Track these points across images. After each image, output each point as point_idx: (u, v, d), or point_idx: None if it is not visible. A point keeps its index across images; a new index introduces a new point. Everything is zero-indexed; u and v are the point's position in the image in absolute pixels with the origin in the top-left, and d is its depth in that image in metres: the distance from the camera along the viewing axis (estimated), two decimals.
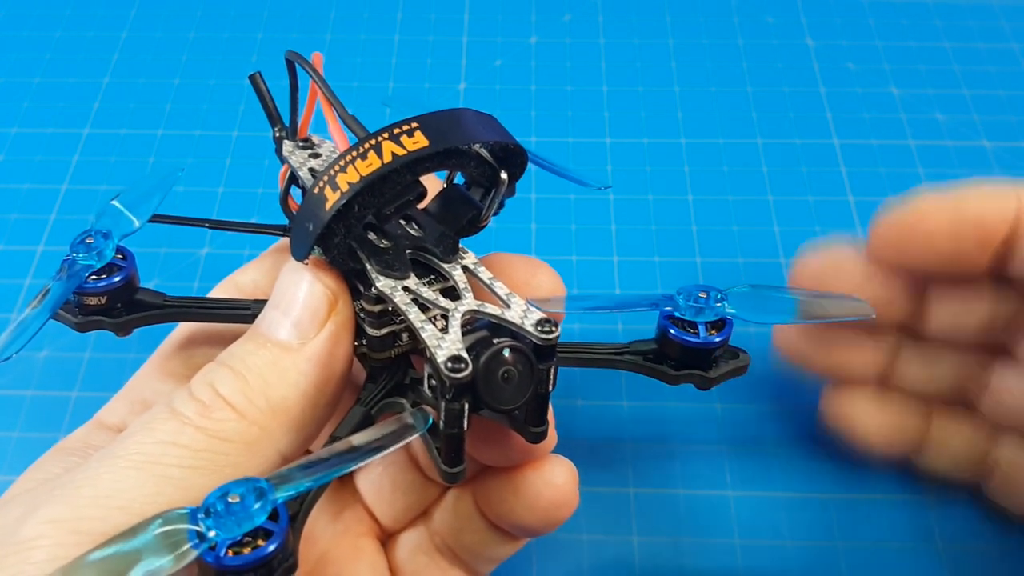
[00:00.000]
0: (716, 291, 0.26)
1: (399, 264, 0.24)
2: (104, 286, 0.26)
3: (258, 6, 0.54)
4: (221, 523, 0.19)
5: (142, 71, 0.51)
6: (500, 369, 0.22)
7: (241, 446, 0.22)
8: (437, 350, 0.22)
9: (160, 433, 0.22)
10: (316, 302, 0.24)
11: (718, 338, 0.26)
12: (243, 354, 0.24)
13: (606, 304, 0.28)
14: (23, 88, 0.50)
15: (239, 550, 0.19)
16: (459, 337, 0.23)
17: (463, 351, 0.22)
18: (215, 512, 0.19)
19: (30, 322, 0.25)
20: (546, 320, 0.23)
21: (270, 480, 0.20)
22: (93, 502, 0.21)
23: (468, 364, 0.22)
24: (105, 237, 0.26)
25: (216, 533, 0.19)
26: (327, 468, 0.20)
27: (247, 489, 0.19)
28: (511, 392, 0.23)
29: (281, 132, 0.29)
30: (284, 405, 0.23)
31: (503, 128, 0.25)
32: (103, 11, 0.54)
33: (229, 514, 0.19)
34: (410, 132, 0.23)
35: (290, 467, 0.20)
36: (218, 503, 0.19)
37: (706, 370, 0.27)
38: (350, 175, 0.22)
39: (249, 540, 0.19)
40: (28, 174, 0.46)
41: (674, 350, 0.27)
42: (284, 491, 0.20)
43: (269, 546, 0.19)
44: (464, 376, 0.21)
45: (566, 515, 0.27)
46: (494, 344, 0.22)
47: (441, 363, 0.22)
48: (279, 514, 0.19)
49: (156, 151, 0.47)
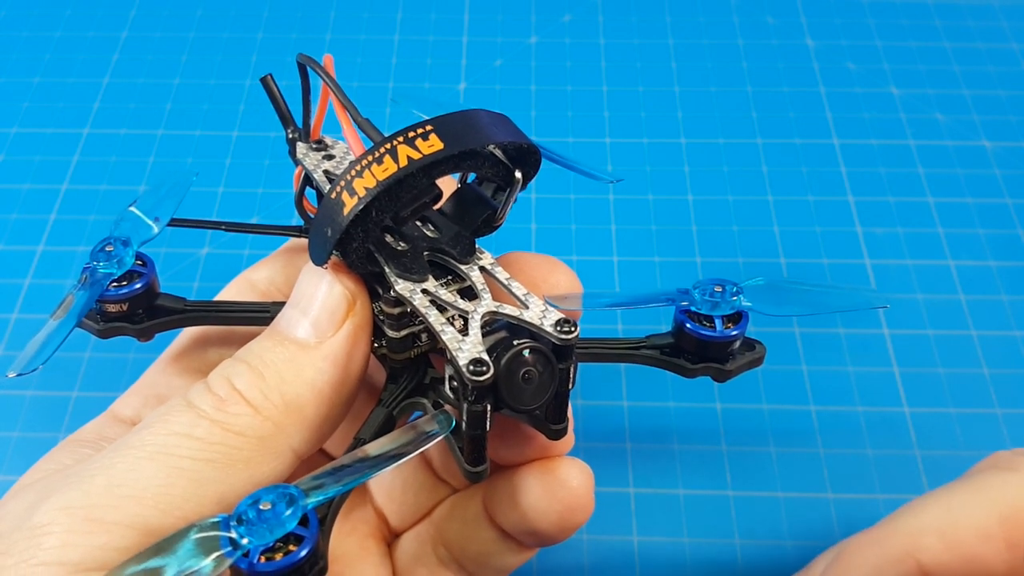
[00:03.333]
0: (732, 285, 0.27)
1: (417, 267, 0.25)
2: (125, 293, 0.26)
3: (258, 6, 0.54)
4: (253, 530, 0.19)
5: (142, 71, 0.51)
6: (521, 370, 0.22)
7: (255, 441, 0.22)
8: (458, 353, 0.22)
9: (175, 425, 0.22)
10: (335, 302, 0.24)
11: (734, 331, 0.26)
12: (261, 351, 0.24)
13: (623, 300, 0.28)
14: (23, 88, 0.50)
15: (272, 556, 0.19)
16: (479, 339, 0.23)
17: (484, 354, 0.22)
18: (247, 520, 0.19)
19: (55, 332, 0.25)
20: (565, 320, 0.23)
21: (300, 486, 0.20)
22: (106, 490, 0.21)
23: (490, 367, 0.22)
24: (124, 244, 0.27)
25: (249, 540, 0.19)
26: (355, 473, 0.21)
27: (278, 496, 0.20)
28: (532, 392, 0.23)
29: (294, 134, 0.29)
30: (299, 402, 0.23)
31: (516, 128, 0.25)
32: (103, 11, 0.54)
33: (261, 521, 0.19)
34: (425, 135, 0.23)
35: (318, 473, 0.21)
36: (249, 510, 0.19)
37: (723, 363, 0.27)
38: (367, 180, 0.22)
39: (281, 546, 0.19)
40: (28, 174, 0.46)
41: (691, 344, 0.27)
42: (314, 497, 0.20)
43: (301, 551, 0.19)
44: (486, 379, 0.22)
45: (581, 520, 0.26)
46: (514, 346, 0.22)
47: (463, 366, 0.22)
48: (309, 519, 0.20)
49: (156, 151, 0.47)
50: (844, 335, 0.40)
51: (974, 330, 0.40)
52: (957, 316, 0.40)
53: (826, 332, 0.40)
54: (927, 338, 0.39)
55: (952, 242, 0.43)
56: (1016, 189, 0.45)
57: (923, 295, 0.41)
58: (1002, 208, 0.44)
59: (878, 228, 0.43)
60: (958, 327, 0.40)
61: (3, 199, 0.45)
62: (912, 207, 0.44)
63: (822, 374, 0.38)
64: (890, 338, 0.39)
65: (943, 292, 0.41)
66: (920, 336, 0.40)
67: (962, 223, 0.43)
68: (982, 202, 0.44)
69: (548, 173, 0.45)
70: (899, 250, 0.42)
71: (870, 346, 0.39)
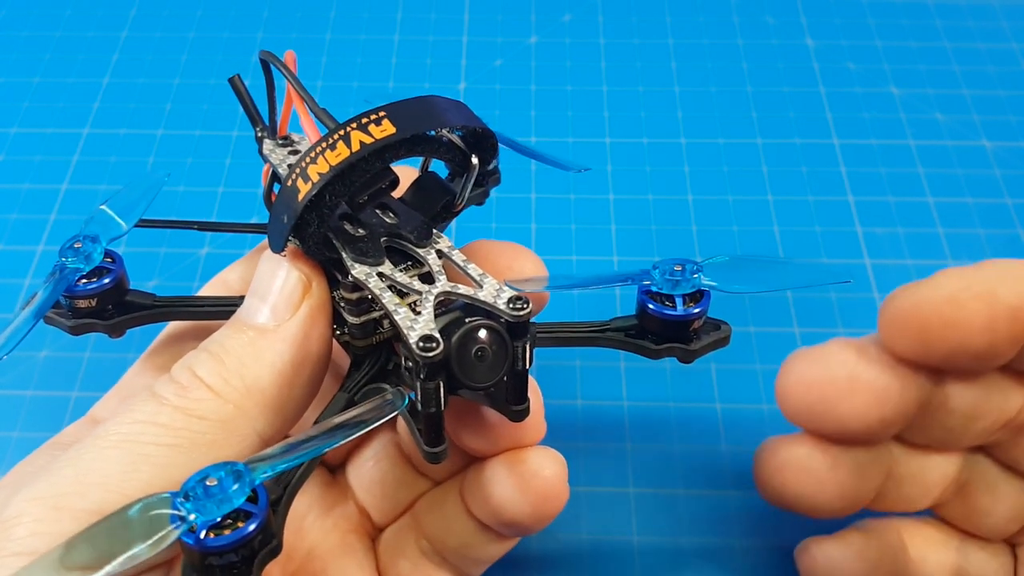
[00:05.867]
0: (692, 263, 0.27)
1: (373, 251, 0.25)
2: (94, 288, 0.27)
3: (258, 6, 0.54)
4: (200, 505, 0.19)
5: (142, 71, 0.51)
6: (474, 348, 0.23)
7: (217, 424, 0.23)
8: (410, 331, 0.22)
9: (139, 414, 0.23)
10: (291, 286, 0.25)
11: (696, 309, 0.26)
12: (222, 339, 0.24)
13: (584, 282, 0.28)
14: (23, 88, 0.50)
15: (220, 532, 0.19)
16: (432, 318, 0.23)
17: (435, 331, 0.22)
18: (194, 495, 0.19)
19: (21, 326, 0.26)
20: (518, 298, 0.23)
21: (248, 463, 0.20)
22: (73, 479, 0.21)
23: (439, 343, 0.22)
24: (93, 241, 0.27)
25: (196, 516, 0.19)
26: (305, 448, 0.21)
27: (225, 472, 0.20)
28: (485, 370, 0.23)
29: (262, 132, 0.29)
30: (259, 385, 0.23)
31: (471, 112, 0.25)
32: (103, 11, 0.54)
33: (208, 497, 0.19)
34: (378, 121, 0.23)
35: (268, 450, 0.21)
36: (197, 487, 0.19)
37: (687, 343, 0.27)
38: (320, 166, 0.23)
39: (230, 523, 0.19)
40: (28, 174, 0.46)
41: (654, 324, 0.27)
42: (261, 472, 0.20)
43: (248, 526, 0.19)
44: (436, 355, 0.22)
45: (556, 508, 0.27)
46: (466, 323, 0.23)
47: (413, 343, 0.22)
48: (259, 496, 0.20)
49: (156, 151, 0.47)
50: (844, 335, 0.39)
51: None
52: None
53: (826, 332, 0.40)
54: None
55: (952, 242, 0.43)
56: (1016, 189, 0.45)
57: None
58: (1002, 208, 0.44)
59: (878, 228, 0.43)
60: None
61: (3, 199, 0.45)
62: (912, 207, 0.44)
63: None
64: None
65: None
66: None
67: (962, 223, 0.43)
68: (982, 202, 0.44)
69: (548, 173, 0.45)
70: (899, 250, 0.42)
71: None
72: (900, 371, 0.25)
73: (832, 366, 0.26)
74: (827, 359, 0.26)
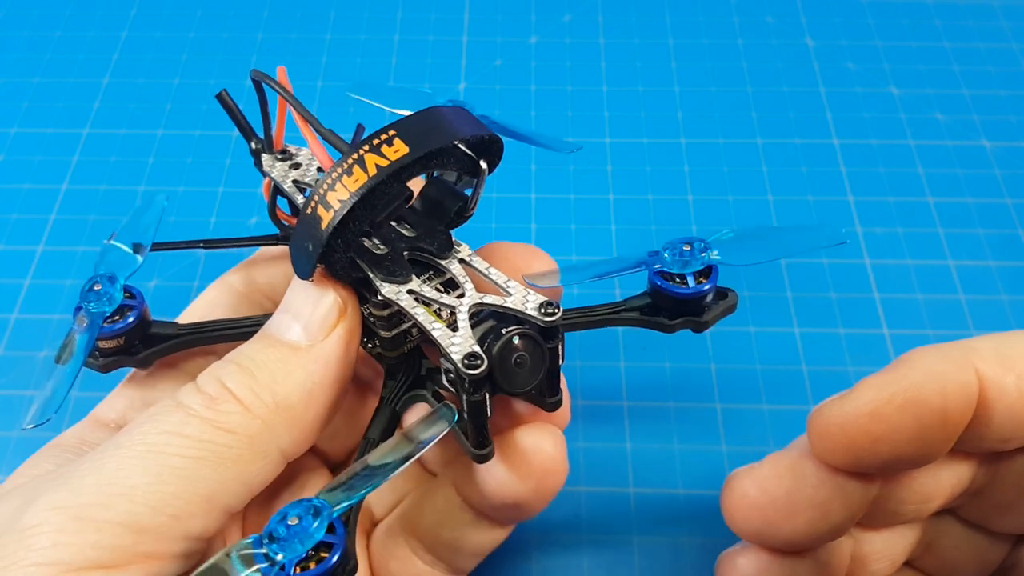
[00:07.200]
0: (699, 241, 0.28)
1: (400, 269, 0.25)
2: (120, 328, 0.27)
3: (258, 6, 0.54)
4: (286, 545, 0.20)
5: (142, 71, 0.51)
6: (512, 356, 0.23)
7: (244, 439, 0.23)
8: (451, 349, 0.23)
9: (165, 424, 0.22)
10: (326, 308, 0.25)
11: (707, 285, 0.28)
12: (252, 352, 0.24)
13: (598, 271, 0.28)
14: (23, 88, 0.50)
15: (306, 565, 0.20)
16: (469, 333, 0.24)
17: (476, 347, 0.23)
18: (278, 536, 0.20)
19: (64, 377, 0.26)
20: (548, 303, 0.24)
21: (324, 495, 0.21)
22: (96, 489, 0.21)
23: (483, 359, 0.23)
24: (111, 280, 0.27)
25: (282, 556, 0.20)
26: (381, 474, 0.22)
27: (304, 510, 0.21)
28: (525, 375, 0.24)
29: (258, 145, 0.30)
30: (288, 402, 0.23)
31: (476, 120, 0.25)
32: (103, 11, 0.54)
33: (291, 536, 0.20)
34: (389, 141, 0.23)
35: (342, 478, 0.22)
36: (279, 527, 0.20)
37: (699, 315, 0.28)
38: (340, 192, 0.23)
39: (312, 554, 0.20)
40: (28, 174, 0.46)
41: (667, 302, 0.28)
42: (339, 506, 0.21)
43: (332, 557, 0.20)
44: (481, 371, 0.23)
45: (557, 484, 0.27)
46: (503, 334, 0.23)
47: (458, 362, 0.23)
48: (335, 526, 0.21)
49: (156, 151, 0.47)
50: (844, 335, 0.40)
51: (974, 330, 0.40)
52: (957, 316, 0.40)
53: (826, 332, 0.40)
54: (927, 338, 0.39)
55: (952, 242, 0.43)
56: (1016, 189, 0.45)
57: (923, 295, 0.41)
58: (1002, 208, 0.44)
59: (878, 228, 0.43)
60: (958, 327, 0.40)
61: (3, 199, 0.45)
62: (912, 207, 0.44)
63: (822, 374, 0.38)
64: (890, 338, 0.39)
65: (943, 292, 0.41)
66: (920, 336, 0.40)
67: (962, 223, 0.43)
68: (982, 202, 0.44)
69: (549, 173, 0.45)
70: (899, 250, 0.42)
71: (870, 346, 0.39)
72: (838, 481, 0.24)
73: (769, 489, 0.25)
74: (763, 481, 0.25)
